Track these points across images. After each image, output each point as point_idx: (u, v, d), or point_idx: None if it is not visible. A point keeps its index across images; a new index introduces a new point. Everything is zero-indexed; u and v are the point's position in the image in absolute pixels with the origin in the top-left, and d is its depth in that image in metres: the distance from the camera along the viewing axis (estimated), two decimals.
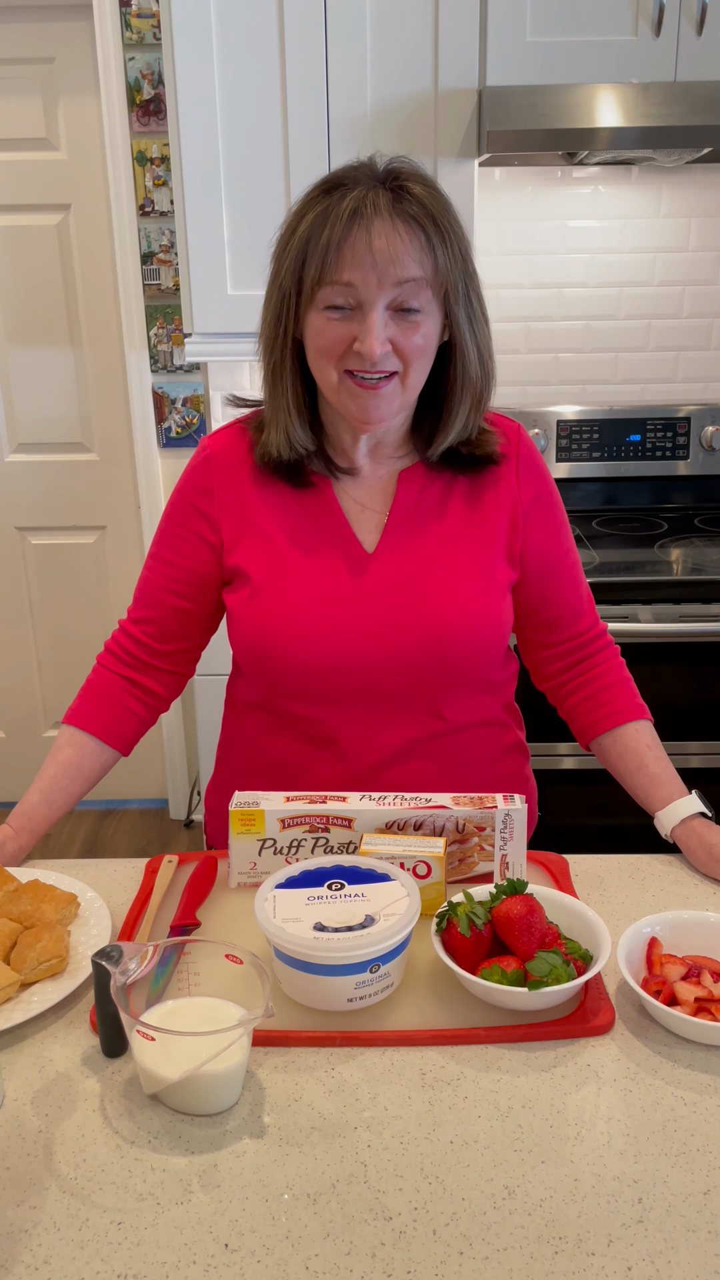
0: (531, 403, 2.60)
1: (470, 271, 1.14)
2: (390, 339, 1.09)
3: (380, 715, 1.23)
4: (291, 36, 2.01)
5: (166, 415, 2.85)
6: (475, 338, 1.16)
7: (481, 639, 1.21)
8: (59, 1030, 0.95)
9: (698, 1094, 0.86)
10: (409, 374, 1.12)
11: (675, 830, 1.21)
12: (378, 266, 1.06)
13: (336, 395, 1.14)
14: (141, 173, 2.65)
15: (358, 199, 1.07)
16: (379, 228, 1.06)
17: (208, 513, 1.25)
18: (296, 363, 1.17)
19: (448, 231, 1.10)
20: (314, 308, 1.11)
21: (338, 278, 1.07)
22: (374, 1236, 0.74)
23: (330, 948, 0.90)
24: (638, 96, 1.98)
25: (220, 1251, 0.74)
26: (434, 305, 1.11)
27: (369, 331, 1.08)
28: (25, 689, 3.18)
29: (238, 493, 1.24)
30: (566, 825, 2.25)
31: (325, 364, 1.12)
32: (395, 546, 1.22)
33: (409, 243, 1.07)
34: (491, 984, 0.92)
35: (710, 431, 2.53)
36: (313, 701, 1.23)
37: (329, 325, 1.10)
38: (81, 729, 1.28)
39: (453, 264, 1.11)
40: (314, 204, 1.10)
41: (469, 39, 2.01)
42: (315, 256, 1.08)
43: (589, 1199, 0.77)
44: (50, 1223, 0.76)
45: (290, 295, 1.12)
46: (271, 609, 1.20)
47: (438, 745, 1.26)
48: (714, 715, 2.18)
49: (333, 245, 1.07)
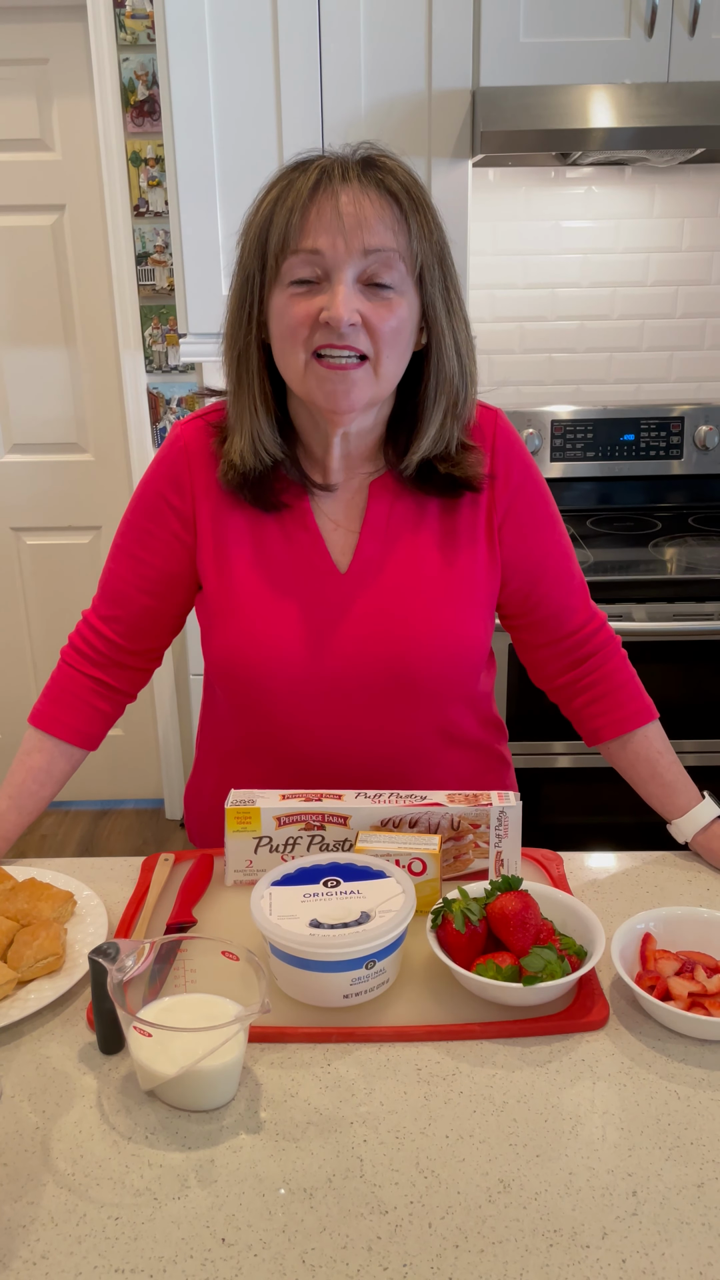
0: (526, 403, 2.61)
1: (447, 259, 1.07)
2: (360, 312, 1.01)
3: (353, 735, 1.19)
4: (285, 37, 2.02)
5: (162, 415, 2.85)
6: (453, 330, 1.08)
7: (453, 662, 1.17)
8: (56, 1027, 0.95)
9: (691, 1088, 0.87)
10: (381, 360, 1.04)
11: (696, 837, 1.20)
12: (345, 231, 0.99)
13: (304, 383, 1.06)
14: (136, 173, 2.65)
15: (324, 166, 1.01)
16: (347, 193, 1.00)
17: (180, 509, 1.18)
18: (262, 356, 1.10)
19: (422, 207, 1.03)
20: (279, 285, 1.03)
21: (301, 244, 1.00)
22: (370, 1230, 0.75)
23: (326, 944, 0.91)
24: (631, 97, 1.99)
25: (217, 1246, 0.74)
26: (408, 285, 1.04)
27: (336, 295, 1.00)
28: (20, 690, 3.18)
29: (212, 490, 1.17)
30: (561, 823, 2.26)
31: (291, 347, 1.04)
32: (367, 567, 1.16)
33: (379, 210, 1.00)
34: (487, 980, 0.93)
35: (704, 431, 2.54)
36: (287, 721, 1.19)
37: (294, 301, 1.02)
38: (50, 734, 1.23)
39: (427, 242, 1.04)
40: (279, 180, 1.04)
41: (462, 40, 2.01)
42: (278, 225, 1.01)
43: (584, 1193, 0.78)
44: (48, 1218, 0.76)
45: (254, 275, 1.05)
46: (243, 629, 1.16)
47: (411, 764, 1.23)
48: (708, 713, 2.19)
49: (297, 209, 1.00)
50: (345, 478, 1.18)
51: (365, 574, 1.16)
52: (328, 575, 1.16)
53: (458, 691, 1.21)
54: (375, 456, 1.18)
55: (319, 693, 1.17)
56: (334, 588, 1.16)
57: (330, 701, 1.17)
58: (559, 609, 1.25)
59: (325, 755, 1.21)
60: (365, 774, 1.22)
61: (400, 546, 1.17)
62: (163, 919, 1.10)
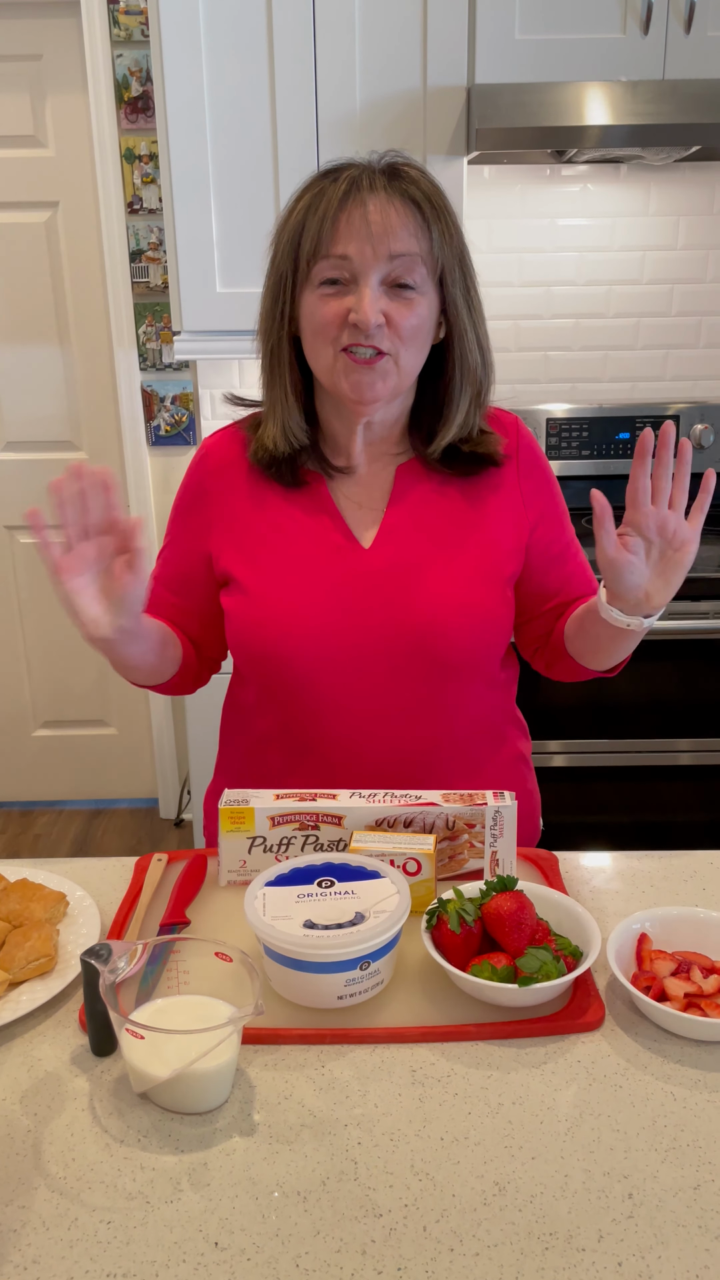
0: (521, 401, 2.60)
1: (466, 261, 1.15)
2: (385, 313, 1.09)
3: (378, 718, 1.22)
4: (280, 34, 2.01)
5: (155, 413, 2.85)
6: (474, 325, 1.17)
7: (477, 636, 1.20)
8: (48, 1029, 0.95)
9: (687, 1089, 0.87)
10: (401, 354, 1.12)
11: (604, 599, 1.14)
12: (372, 238, 1.07)
13: (331, 376, 1.14)
14: (130, 170, 2.64)
15: (353, 177, 1.10)
16: (374, 202, 1.08)
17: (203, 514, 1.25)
18: (293, 351, 1.18)
19: (443, 214, 1.12)
20: (310, 286, 1.12)
21: (332, 250, 1.09)
22: (364, 1234, 0.74)
23: (320, 945, 0.90)
24: (626, 94, 1.98)
25: (210, 1250, 0.73)
26: (429, 285, 1.12)
27: (363, 299, 1.08)
28: (14, 689, 3.17)
29: (232, 492, 1.24)
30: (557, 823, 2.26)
31: (321, 343, 1.12)
32: (391, 543, 1.21)
33: (404, 218, 1.09)
34: (482, 980, 0.92)
35: (699, 429, 2.53)
36: (310, 701, 1.22)
37: (324, 302, 1.11)
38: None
39: (448, 246, 1.12)
40: (311, 187, 1.13)
41: (458, 37, 2.01)
42: (310, 231, 1.10)
43: (579, 1195, 0.77)
44: (39, 1222, 0.76)
45: (287, 276, 1.13)
46: (266, 606, 1.20)
47: (438, 751, 1.24)
48: (704, 712, 2.18)
49: (328, 218, 1.08)
50: (369, 462, 1.24)
51: (389, 549, 1.21)
52: (350, 551, 1.21)
53: (480, 670, 1.24)
54: (400, 443, 1.25)
55: (344, 667, 1.19)
56: (357, 562, 1.21)
57: (355, 677, 1.19)
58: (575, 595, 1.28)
59: (349, 739, 1.23)
60: (387, 759, 1.23)
61: (424, 525, 1.22)
62: (156, 920, 1.09)
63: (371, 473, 1.24)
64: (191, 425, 2.85)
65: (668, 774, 2.24)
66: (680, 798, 2.26)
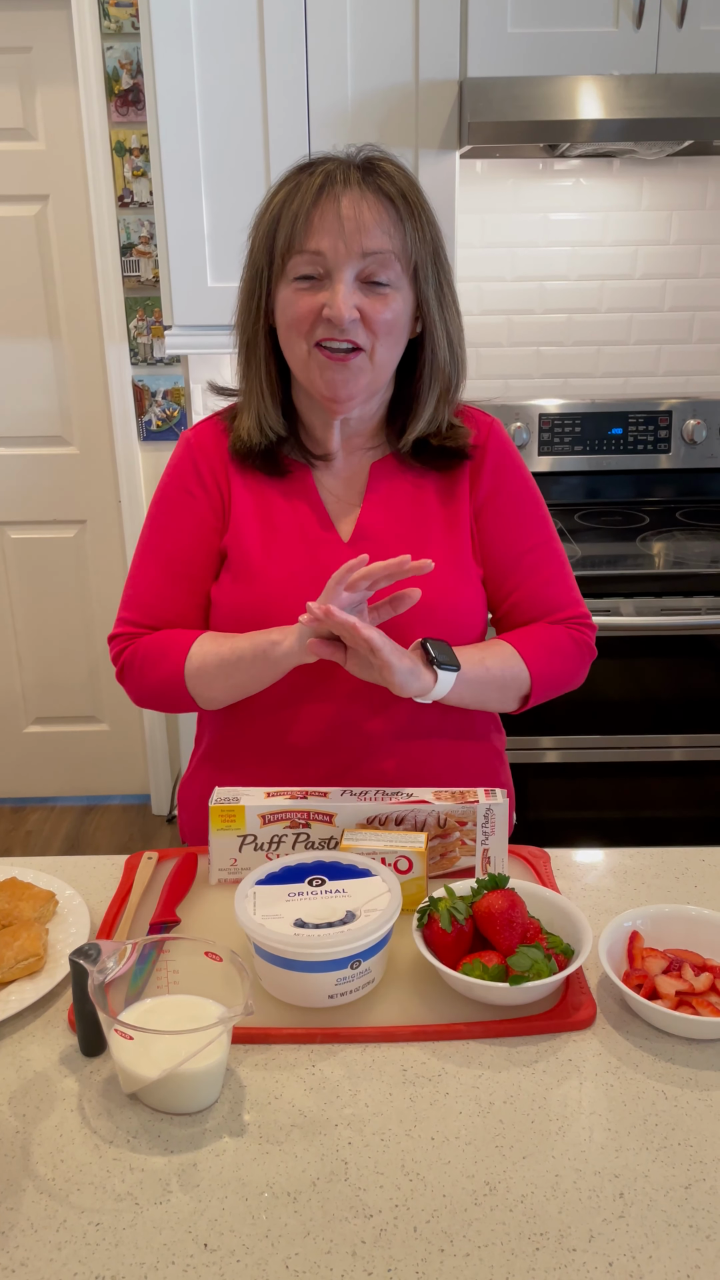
0: (513, 396, 2.60)
1: (441, 257, 1.16)
2: (359, 308, 1.10)
3: (352, 709, 1.23)
4: (271, 27, 2.00)
5: (147, 408, 2.83)
6: (445, 322, 1.18)
7: (450, 629, 1.21)
8: (36, 1029, 0.94)
9: (679, 1088, 0.86)
10: (376, 350, 1.13)
11: None
12: (345, 235, 1.08)
13: (306, 371, 1.15)
14: (120, 163, 2.63)
15: (328, 171, 1.11)
16: (348, 198, 1.09)
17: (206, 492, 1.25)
18: (269, 343, 1.19)
19: (418, 210, 1.13)
20: (285, 280, 1.12)
21: (306, 245, 1.09)
22: (354, 1234, 0.74)
23: (311, 944, 0.90)
24: (619, 88, 1.98)
25: (199, 1251, 0.73)
26: (403, 281, 1.13)
27: (336, 294, 1.09)
28: (5, 685, 3.15)
29: (221, 479, 1.25)
30: (548, 819, 2.25)
31: (295, 337, 1.14)
32: (369, 537, 1.23)
33: (378, 214, 1.10)
34: (473, 979, 0.92)
35: (691, 425, 2.53)
36: (287, 692, 1.22)
37: (299, 296, 1.12)
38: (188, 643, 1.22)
39: (422, 243, 1.13)
40: (287, 181, 1.14)
41: (450, 30, 2.00)
42: (285, 226, 1.10)
43: (570, 1194, 0.77)
44: (27, 1224, 0.75)
45: (263, 270, 1.14)
46: (248, 598, 1.21)
47: (410, 743, 1.24)
48: (696, 708, 2.18)
49: (302, 213, 1.09)
50: (346, 455, 1.26)
51: (366, 543, 1.23)
52: (331, 544, 1.23)
53: None
54: (376, 438, 1.27)
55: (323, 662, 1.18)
56: (337, 556, 1.21)
57: (328, 667, 1.19)
58: (531, 604, 1.28)
59: (322, 730, 1.23)
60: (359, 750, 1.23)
61: (400, 519, 1.24)
62: (146, 919, 1.08)
63: (348, 466, 1.26)
64: (183, 420, 2.83)
65: (660, 770, 2.24)
66: (673, 793, 2.26)
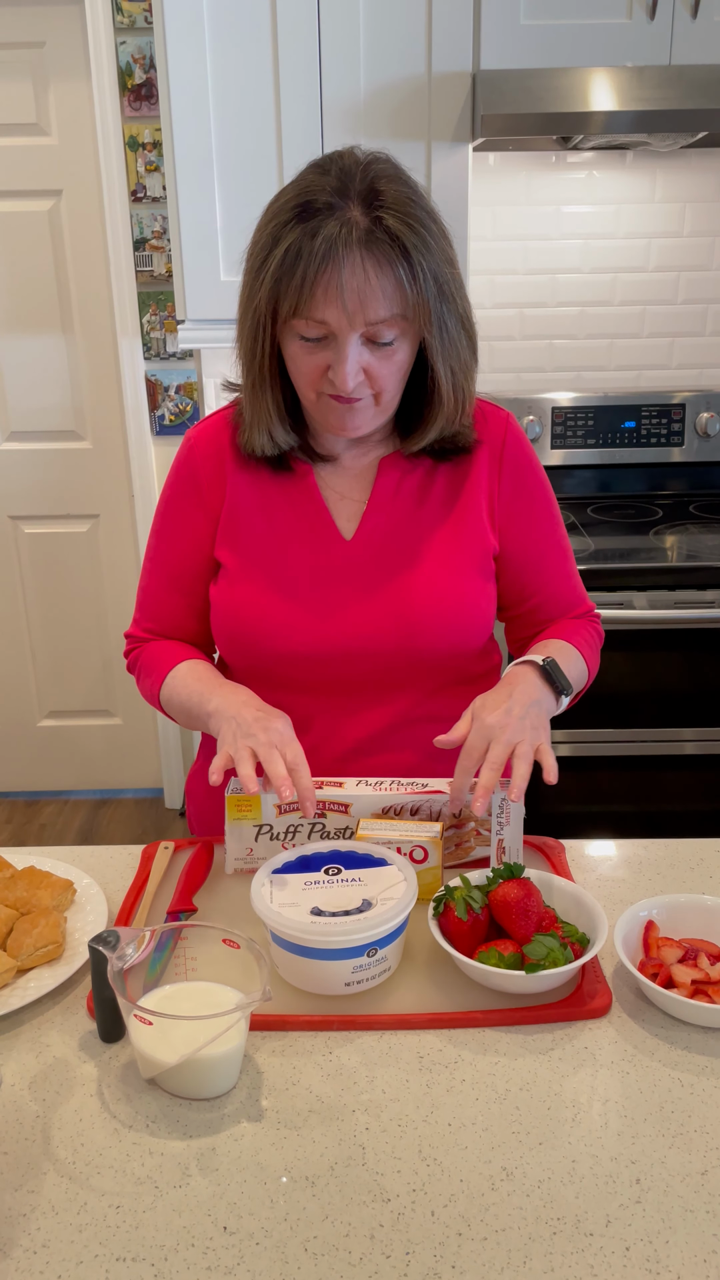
0: (526, 389, 2.59)
1: (446, 292, 1.10)
2: (364, 366, 1.09)
3: (355, 703, 1.23)
4: (284, 20, 2.00)
5: (160, 403, 2.84)
6: (447, 361, 1.13)
7: (457, 628, 1.21)
8: (56, 1016, 0.95)
9: (695, 1075, 0.87)
10: (383, 396, 1.13)
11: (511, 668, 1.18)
12: (348, 310, 1.05)
13: (315, 409, 1.16)
14: (133, 158, 2.63)
15: (329, 238, 1.04)
16: (350, 268, 1.04)
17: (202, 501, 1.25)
18: (276, 366, 1.15)
19: (420, 258, 1.06)
20: (289, 333, 1.10)
21: (311, 314, 1.07)
22: (372, 1218, 0.75)
23: (327, 932, 0.90)
24: (632, 80, 1.97)
25: (219, 1234, 0.74)
26: (410, 329, 1.10)
27: (342, 364, 1.08)
28: (19, 679, 3.17)
29: (222, 479, 1.24)
30: (561, 813, 2.26)
31: (303, 385, 1.14)
32: (373, 534, 1.22)
33: (380, 283, 1.05)
34: (489, 967, 0.92)
35: (705, 418, 2.52)
36: (289, 688, 1.22)
37: (303, 354, 1.10)
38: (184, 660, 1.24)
39: (426, 293, 1.07)
40: (286, 231, 1.06)
41: (463, 22, 1.99)
42: (289, 295, 1.06)
43: (587, 1180, 0.77)
44: (49, 1206, 0.76)
45: (265, 319, 1.11)
46: (249, 595, 1.21)
47: (413, 735, 1.24)
48: (708, 701, 2.18)
49: (306, 285, 1.05)
50: (353, 454, 1.24)
51: (371, 541, 1.22)
52: (333, 542, 1.22)
53: (459, 661, 1.24)
54: (385, 437, 1.25)
55: (325, 658, 1.20)
56: (340, 554, 1.21)
57: (332, 665, 1.20)
58: (548, 601, 1.30)
59: (326, 725, 1.23)
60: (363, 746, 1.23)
61: (407, 518, 1.23)
62: (163, 907, 1.09)
63: (355, 464, 1.25)
64: (196, 415, 2.84)
65: (672, 763, 2.24)
66: (685, 787, 2.26)
